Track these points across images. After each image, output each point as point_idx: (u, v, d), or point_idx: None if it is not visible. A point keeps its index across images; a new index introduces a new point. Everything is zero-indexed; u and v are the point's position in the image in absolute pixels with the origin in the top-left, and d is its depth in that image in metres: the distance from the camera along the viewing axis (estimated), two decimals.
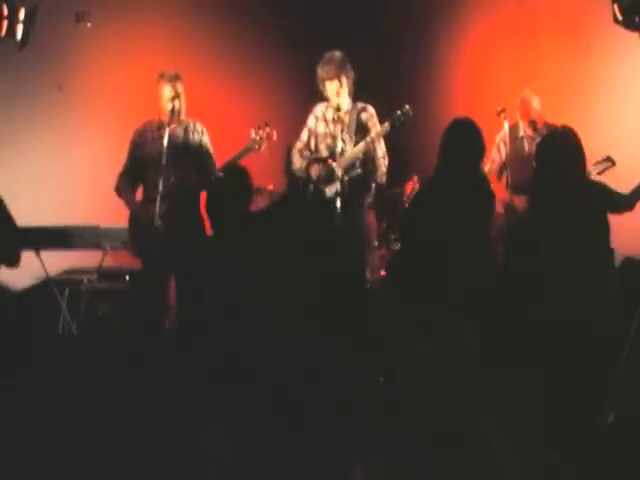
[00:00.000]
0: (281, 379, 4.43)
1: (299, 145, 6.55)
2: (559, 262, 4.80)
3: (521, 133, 6.91)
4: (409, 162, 7.16)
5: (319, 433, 4.09)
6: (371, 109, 6.46)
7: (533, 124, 6.86)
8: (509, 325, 4.66)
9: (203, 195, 5.96)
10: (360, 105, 6.47)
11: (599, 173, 6.43)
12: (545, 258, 4.83)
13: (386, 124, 6.31)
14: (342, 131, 6.36)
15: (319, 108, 6.52)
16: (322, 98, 6.50)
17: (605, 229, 4.97)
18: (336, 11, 7.84)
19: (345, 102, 6.42)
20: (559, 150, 5.05)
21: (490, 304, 4.71)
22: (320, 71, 6.39)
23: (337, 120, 6.36)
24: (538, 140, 6.11)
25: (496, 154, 6.86)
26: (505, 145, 6.72)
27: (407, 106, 6.26)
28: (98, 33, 7.85)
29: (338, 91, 6.36)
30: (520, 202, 6.41)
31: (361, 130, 6.41)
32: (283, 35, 7.99)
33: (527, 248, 4.98)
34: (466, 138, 5.33)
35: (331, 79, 6.36)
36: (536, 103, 6.90)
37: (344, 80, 6.37)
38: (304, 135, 6.54)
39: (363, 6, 7.93)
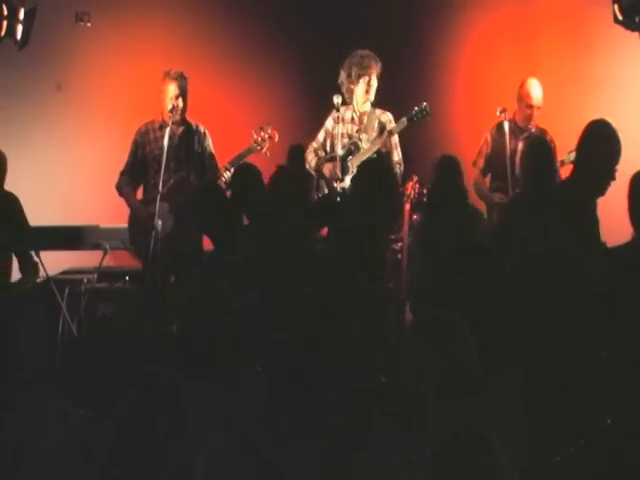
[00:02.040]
0: (285, 378, 4.43)
1: (315, 145, 6.72)
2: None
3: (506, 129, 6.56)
4: (409, 162, 7.15)
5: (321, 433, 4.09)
6: (390, 115, 6.63)
7: (527, 117, 6.73)
8: (504, 323, 4.65)
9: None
10: (379, 110, 6.64)
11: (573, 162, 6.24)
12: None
13: (403, 119, 6.43)
14: (359, 131, 6.49)
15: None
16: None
17: None
18: (336, 11, 7.84)
19: (358, 100, 6.58)
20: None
21: (484, 302, 4.69)
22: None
23: (355, 120, 6.56)
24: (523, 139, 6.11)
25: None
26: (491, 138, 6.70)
27: (425, 103, 6.37)
28: (98, 33, 7.85)
29: (365, 88, 6.54)
30: (500, 199, 6.39)
31: (381, 133, 6.58)
32: (284, 35, 7.99)
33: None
34: None
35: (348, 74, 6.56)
36: (537, 91, 6.79)
37: (354, 79, 6.54)
38: (320, 136, 6.71)
39: (363, 6, 7.92)
